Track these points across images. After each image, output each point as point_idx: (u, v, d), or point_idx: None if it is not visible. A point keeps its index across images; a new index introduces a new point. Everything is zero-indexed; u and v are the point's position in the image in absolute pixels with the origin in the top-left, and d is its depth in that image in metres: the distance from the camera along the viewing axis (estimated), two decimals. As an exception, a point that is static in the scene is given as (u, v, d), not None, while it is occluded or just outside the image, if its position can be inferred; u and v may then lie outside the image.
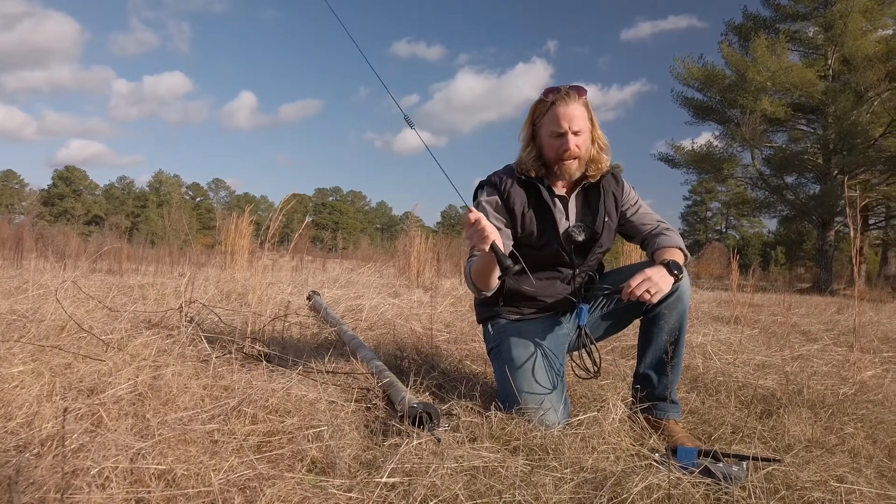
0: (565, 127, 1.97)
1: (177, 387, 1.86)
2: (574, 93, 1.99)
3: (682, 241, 2.09)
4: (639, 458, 1.63)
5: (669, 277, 1.86)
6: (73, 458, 1.36)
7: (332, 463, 1.49)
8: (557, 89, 2.00)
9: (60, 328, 2.52)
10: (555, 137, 2.00)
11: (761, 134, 17.97)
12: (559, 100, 1.98)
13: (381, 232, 66.26)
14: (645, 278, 1.82)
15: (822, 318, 5.91)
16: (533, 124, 2.08)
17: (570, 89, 1.99)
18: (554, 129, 1.99)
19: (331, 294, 4.86)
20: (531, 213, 2.05)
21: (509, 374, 1.94)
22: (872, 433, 1.99)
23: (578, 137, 1.99)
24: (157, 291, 4.23)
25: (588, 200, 2.12)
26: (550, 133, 2.01)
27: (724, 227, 53.94)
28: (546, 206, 2.05)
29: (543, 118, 2.03)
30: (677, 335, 1.98)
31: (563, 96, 1.98)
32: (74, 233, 11.22)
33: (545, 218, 2.06)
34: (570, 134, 1.98)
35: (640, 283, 1.81)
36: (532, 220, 2.06)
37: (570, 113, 1.97)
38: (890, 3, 17.77)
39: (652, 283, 1.81)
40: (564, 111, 1.97)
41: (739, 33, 19.93)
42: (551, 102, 1.99)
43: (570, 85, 2.01)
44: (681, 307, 1.97)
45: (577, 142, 1.99)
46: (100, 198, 60.45)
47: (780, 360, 3.16)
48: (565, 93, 1.98)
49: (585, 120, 2.01)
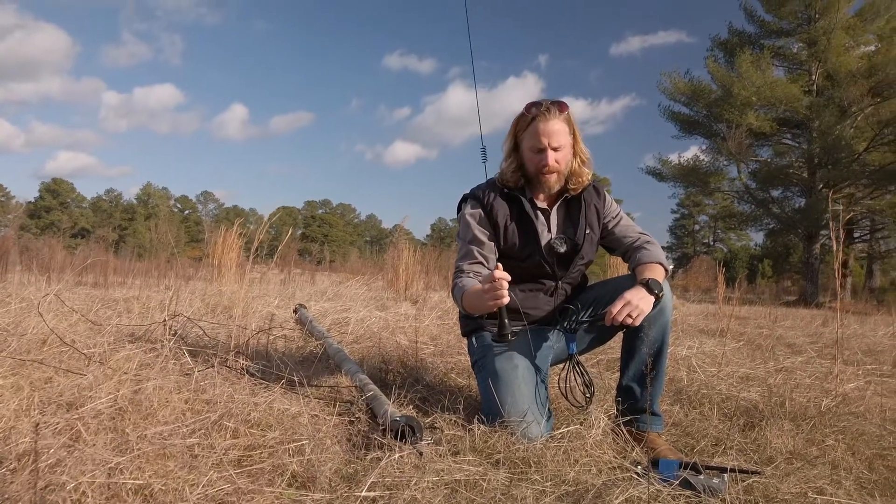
0: (545, 143, 2.00)
1: (158, 401, 1.84)
2: (555, 108, 2.00)
3: (663, 253, 2.10)
4: (620, 471, 1.63)
5: (650, 297, 1.87)
6: (50, 473, 1.34)
7: (313, 477, 1.48)
8: (539, 104, 2.02)
9: (42, 342, 2.49)
10: (535, 152, 2.03)
11: (747, 148, 18.20)
12: (540, 115, 2.00)
13: (371, 245, 66.14)
14: (625, 302, 1.83)
15: (807, 330, 5.95)
16: (515, 137, 2.09)
17: (551, 105, 2.01)
18: (534, 144, 2.02)
19: (318, 307, 4.85)
20: (513, 225, 2.08)
21: (493, 386, 1.94)
22: (853, 445, 2.00)
23: (558, 153, 2.02)
24: (142, 305, 4.20)
25: (570, 212, 2.14)
26: (531, 148, 2.03)
27: (712, 240, 54.27)
28: (528, 219, 2.08)
29: (524, 132, 2.05)
30: (659, 348, 1.99)
31: (543, 112, 1.99)
32: (60, 245, 11.12)
33: (527, 230, 2.08)
34: (550, 150, 2.00)
35: (622, 309, 1.82)
36: (514, 232, 2.08)
37: (551, 129, 1.99)
38: (872, 20, 18.11)
39: (632, 307, 1.82)
40: (545, 127, 1.99)
41: (725, 49, 20.23)
42: (532, 117, 2.01)
43: (552, 100, 2.03)
44: (663, 320, 1.98)
45: (556, 157, 2.02)
46: (87, 210, 60.00)
47: (764, 372, 3.18)
48: (546, 108, 2.00)
49: (566, 135, 2.03)
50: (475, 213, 2.11)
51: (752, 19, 20.02)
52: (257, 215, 64.11)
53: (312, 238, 62.23)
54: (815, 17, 18.22)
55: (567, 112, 2.04)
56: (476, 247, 2.09)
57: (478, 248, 2.09)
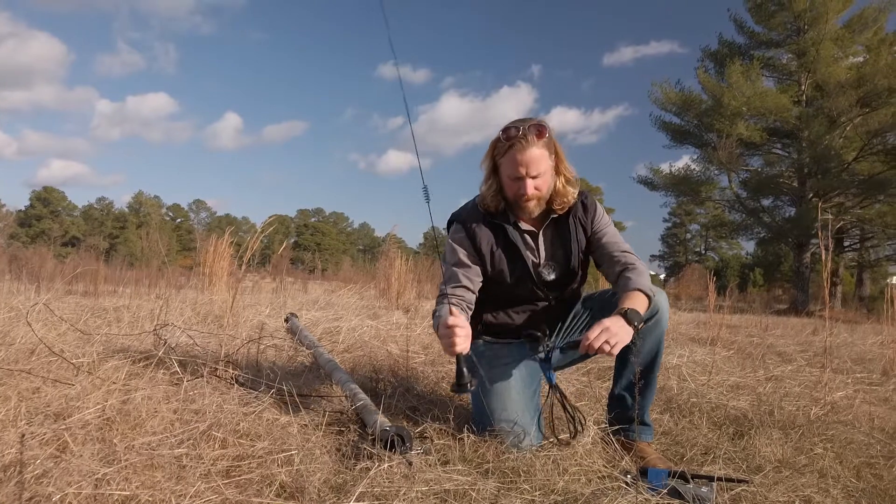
0: (522, 172, 1.92)
1: (146, 411, 1.83)
2: (533, 135, 1.90)
3: (647, 278, 1.98)
4: (610, 480, 1.63)
5: (629, 328, 1.77)
6: (36, 484, 1.33)
7: (302, 487, 1.48)
8: (517, 129, 1.91)
9: (30, 352, 2.48)
10: (513, 180, 1.95)
11: (737, 157, 18.33)
12: (517, 143, 1.90)
13: (364, 253, 66.01)
14: (603, 329, 1.73)
15: (797, 339, 5.98)
16: (493, 159, 2.01)
17: (529, 130, 1.90)
18: (511, 172, 1.94)
19: (309, 316, 4.83)
20: (500, 251, 2.03)
21: (483, 396, 1.94)
22: (841, 454, 2.01)
23: (538, 179, 1.94)
24: (132, 314, 4.17)
25: (559, 233, 2.07)
26: (508, 175, 1.96)
27: (704, 249, 54.46)
28: (514, 246, 2.03)
29: (502, 158, 1.97)
30: (653, 358, 1.99)
31: (520, 139, 1.89)
32: (50, 254, 11.07)
33: (514, 256, 2.03)
34: (528, 178, 1.93)
35: (599, 335, 1.72)
36: (501, 258, 2.03)
37: (528, 157, 1.90)
38: (860, 31, 18.32)
39: (611, 335, 1.72)
40: (522, 157, 1.90)
41: (715, 59, 20.39)
42: (510, 145, 1.92)
43: (531, 124, 1.92)
44: (658, 331, 1.97)
45: (535, 184, 1.94)
46: (78, 219, 59.67)
47: (754, 381, 3.19)
48: (523, 135, 1.89)
49: (546, 160, 1.94)
50: (459, 239, 2.05)
51: (742, 30, 20.20)
52: (250, 224, 63.90)
53: (305, 246, 62.08)
54: (804, 28, 18.39)
55: (547, 135, 1.93)
56: (460, 270, 2.03)
57: (462, 272, 2.02)
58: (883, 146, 17.51)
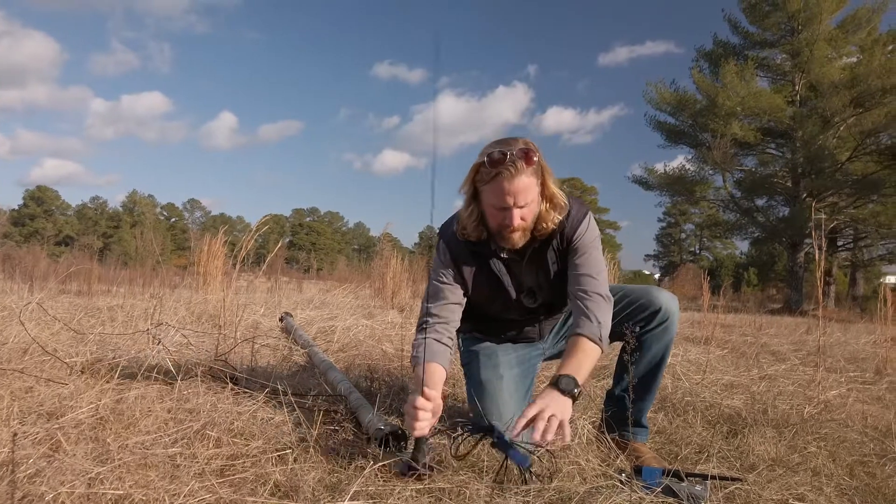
0: (510, 202, 1.74)
1: (140, 410, 1.83)
2: (521, 161, 1.70)
3: (603, 320, 1.79)
4: (604, 479, 1.63)
5: (566, 401, 1.61)
6: (28, 483, 1.33)
7: (296, 486, 1.47)
8: (503, 158, 1.70)
9: (23, 351, 2.47)
10: (498, 209, 1.77)
11: (732, 157, 18.40)
12: (504, 171, 1.70)
13: (359, 253, 65.93)
14: (539, 416, 1.54)
15: (791, 338, 6.01)
16: (474, 185, 1.82)
17: (517, 157, 1.70)
18: (496, 202, 1.76)
19: (304, 315, 4.83)
20: (483, 279, 1.94)
21: (476, 397, 1.94)
22: (834, 452, 2.02)
23: (524, 209, 1.77)
24: (126, 313, 4.16)
25: (541, 259, 1.94)
26: (493, 204, 1.78)
27: (698, 249, 54.65)
28: (493, 275, 1.94)
29: (486, 185, 1.77)
30: (659, 362, 1.98)
31: (507, 166, 1.69)
32: (44, 253, 11.02)
33: (497, 286, 1.95)
34: (515, 208, 1.75)
35: (547, 428, 1.52)
36: (482, 289, 1.95)
37: (516, 187, 1.72)
38: (854, 32, 18.40)
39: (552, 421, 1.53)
40: (510, 186, 1.71)
41: (710, 60, 20.46)
42: (495, 173, 1.71)
43: (518, 148, 1.71)
44: (667, 338, 1.95)
45: (522, 214, 1.77)
46: (71, 218, 59.44)
47: (748, 379, 3.21)
48: (511, 162, 1.69)
49: (534, 188, 1.76)
50: (445, 261, 1.95)
51: (737, 31, 20.28)
52: (244, 223, 63.77)
53: (300, 246, 62.00)
54: (798, 28, 18.47)
55: (535, 160, 1.73)
56: (446, 287, 1.94)
57: (448, 289, 1.94)
58: (876, 146, 17.61)
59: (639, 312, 1.96)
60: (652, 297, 1.96)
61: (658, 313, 1.94)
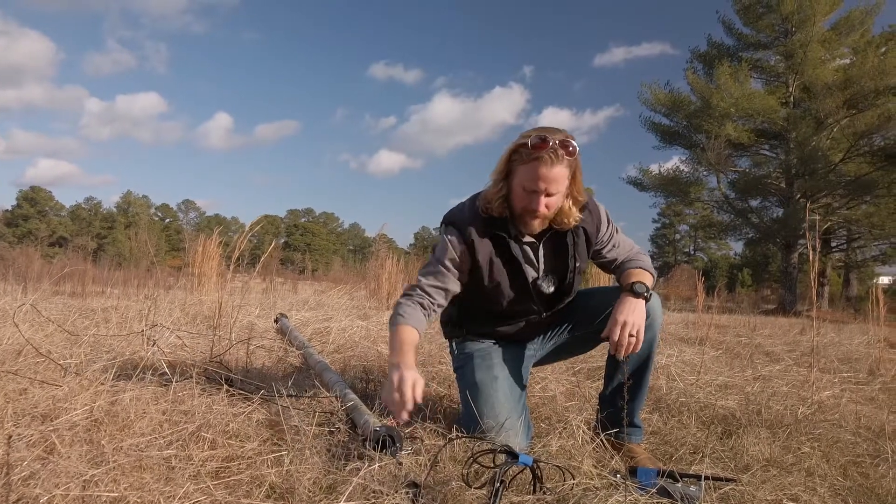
0: (542, 187, 1.80)
1: (134, 412, 1.82)
2: (563, 151, 1.77)
3: (650, 263, 2.07)
4: (599, 480, 1.63)
5: (637, 301, 1.85)
6: (23, 486, 1.32)
7: (292, 488, 1.47)
8: (546, 141, 1.76)
9: (17, 353, 2.46)
10: (527, 192, 1.83)
11: (726, 158, 18.45)
12: (544, 157, 1.76)
13: (354, 253, 65.81)
14: (621, 326, 1.80)
15: (785, 338, 6.02)
16: (509, 164, 1.87)
17: (560, 146, 1.76)
18: (528, 184, 1.82)
19: (300, 316, 4.82)
20: (499, 263, 1.96)
21: (471, 398, 1.94)
22: (828, 452, 2.03)
23: (551, 198, 1.84)
24: (120, 315, 4.14)
25: (558, 245, 1.99)
26: (523, 185, 1.83)
27: (693, 250, 54.81)
28: (515, 260, 1.96)
29: (521, 165, 1.82)
30: (645, 361, 1.99)
31: (549, 154, 1.76)
32: (37, 254, 10.97)
33: (512, 269, 1.97)
34: (544, 195, 1.82)
35: (621, 336, 1.80)
36: (501, 271, 1.96)
37: (552, 175, 1.79)
38: (847, 34, 18.49)
39: (629, 325, 1.80)
40: (546, 172, 1.78)
41: (704, 61, 20.51)
42: (536, 156, 1.77)
43: (561, 139, 1.78)
44: (650, 335, 1.95)
45: (548, 202, 1.84)
46: (65, 219, 59.14)
47: (742, 380, 3.22)
48: (553, 150, 1.76)
49: (565, 179, 1.83)
50: (456, 246, 1.94)
51: (731, 32, 20.34)
52: (239, 224, 63.57)
53: (295, 247, 61.88)
54: (791, 30, 18.54)
55: (575, 154, 1.81)
56: (446, 270, 1.95)
57: (447, 273, 1.95)
58: (869, 147, 17.69)
59: None
60: None
61: None
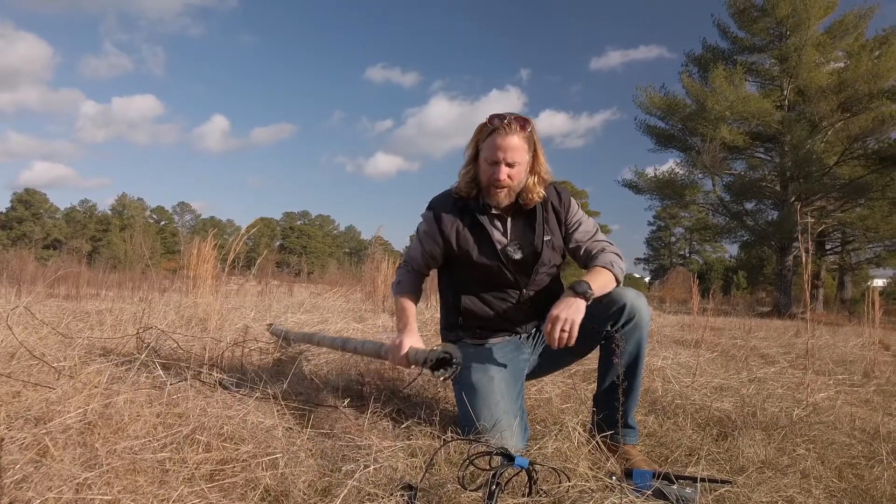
0: (500, 157, 2.00)
1: (129, 415, 1.81)
2: (516, 124, 2.00)
3: (615, 258, 2.08)
4: (595, 482, 1.63)
5: (578, 302, 1.86)
6: (15, 489, 1.31)
7: (286, 491, 1.47)
8: (502, 117, 2.01)
9: (11, 355, 2.45)
10: (490, 164, 2.03)
11: (721, 161, 18.48)
12: (499, 129, 2.00)
13: (350, 256, 65.73)
14: (553, 319, 1.83)
15: (780, 341, 6.04)
16: (476, 145, 2.09)
17: (513, 120, 2.00)
18: (489, 155, 2.02)
19: (295, 319, 4.81)
20: (465, 231, 2.12)
21: (467, 399, 1.94)
22: (823, 454, 2.04)
23: (512, 169, 2.02)
24: (114, 317, 4.12)
25: (528, 221, 2.14)
26: (486, 159, 2.04)
27: (688, 252, 54.88)
28: (480, 226, 2.11)
29: (484, 142, 2.05)
30: (635, 361, 2.00)
31: (504, 125, 1.99)
32: (31, 257, 10.93)
33: (481, 236, 2.11)
34: (504, 165, 2.01)
35: (553, 329, 1.82)
36: (467, 238, 2.12)
37: (508, 144, 1.99)
38: (841, 38, 18.56)
39: (562, 321, 1.82)
40: (502, 141, 1.99)
41: (699, 64, 20.55)
42: (493, 129, 2.01)
43: (515, 115, 2.02)
44: (638, 334, 1.98)
45: (509, 172, 2.02)
46: (60, 221, 58.88)
47: (738, 382, 3.22)
48: (507, 122, 1.99)
49: (524, 152, 2.03)
50: (428, 220, 2.18)
51: (726, 35, 20.39)
52: (235, 226, 63.48)
53: (291, 249, 61.79)
54: (786, 34, 18.60)
55: (529, 129, 2.03)
56: (425, 247, 2.21)
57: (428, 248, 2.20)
58: (863, 150, 17.73)
59: (605, 311, 2.00)
60: (616, 295, 2.00)
61: (624, 310, 1.98)
